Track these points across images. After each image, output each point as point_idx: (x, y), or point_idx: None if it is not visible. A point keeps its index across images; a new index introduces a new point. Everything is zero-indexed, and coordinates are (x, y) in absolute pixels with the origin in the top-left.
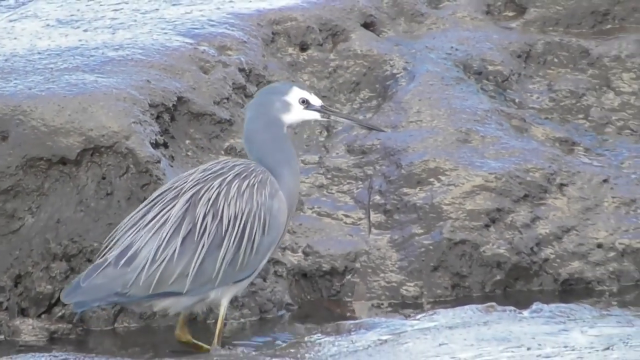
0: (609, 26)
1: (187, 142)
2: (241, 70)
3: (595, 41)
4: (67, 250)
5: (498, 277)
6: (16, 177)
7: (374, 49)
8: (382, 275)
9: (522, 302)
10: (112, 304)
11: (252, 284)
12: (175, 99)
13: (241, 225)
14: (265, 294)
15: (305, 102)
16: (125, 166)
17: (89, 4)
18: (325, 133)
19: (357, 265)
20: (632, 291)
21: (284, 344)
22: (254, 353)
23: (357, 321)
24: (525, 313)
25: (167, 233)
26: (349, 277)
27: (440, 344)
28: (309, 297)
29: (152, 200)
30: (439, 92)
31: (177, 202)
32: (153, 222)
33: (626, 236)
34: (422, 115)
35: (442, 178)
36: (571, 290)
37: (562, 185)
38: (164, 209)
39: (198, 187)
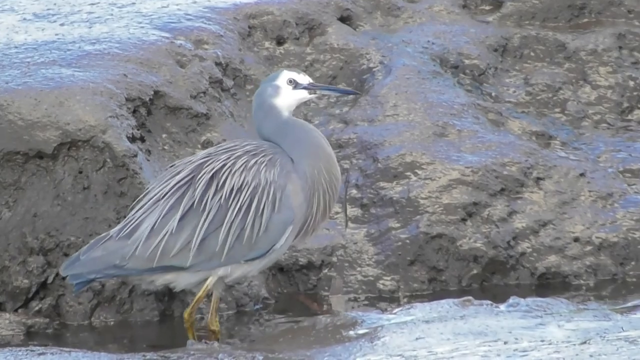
0: (585, 20)
1: (164, 136)
2: (218, 64)
3: (571, 35)
4: (44, 245)
5: (475, 271)
6: None
7: (351, 43)
8: (358, 269)
9: (498, 296)
10: (111, 277)
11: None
12: (152, 93)
13: (247, 199)
14: (242, 288)
15: (292, 82)
16: (102, 160)
17: None
18: None
19: (334, 259)
20: (609, 285)
21: (260, 338)
22: (230, 347)
23: (333, 315)
24: (502, 307)
25: (168, 204)
26: (326, 271)
27: (417, 338)
28: (285, 291)
29: (164, 175)
30: (416, 86)
31: (180, 174)
32: (156, 194)
33: (603, 230)
34: (399, 109)
35: (419, 172)
36: (548, 285)
37: (538, 179)
38: (169, 180)
39: (205, 159)
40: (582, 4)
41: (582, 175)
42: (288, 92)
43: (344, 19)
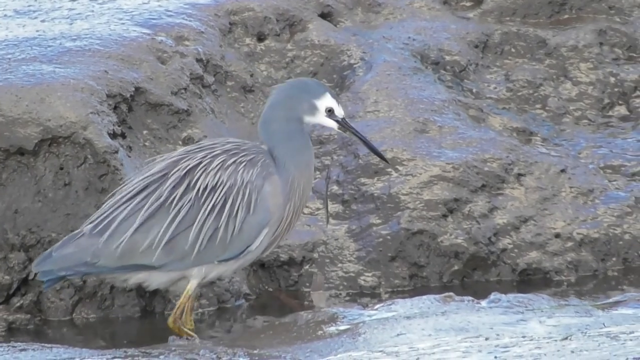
0: (566, 16)
1: (145, 132)
2: (199, 60)
3: (552, 31)
4: (25, 241)
5: (456, 267)
6: None
7: (332, 39)
8: (340, 265)
9: (480, 292)
10: (82, 275)
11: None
12: (133, 89)
13: (221, 199)
14: (223, 284)
15: (330, 111)
16: (83, 156)
17: None
18: None
19: (315, 255)
20: (590, 281)
21: (241, 334)
22: (211, 343)
23: (315, 311)
24: (483, 303)
25: (138, 201)
26: (307, 267)
27: (398, 334)
28: (267, 287)
29: (140, 171)
30: (397, 82)
31: (152, 170)
32: (129, 191)
33: (584, 226)
34: (380, 106)
35: (400, 168)
36: (529, 281)
37: (519, 175)
38: (144, 177)
39: (181, 156)
40: (563, 0)
41: (563, 171)
42: (321, 117)
43: (324, 15)
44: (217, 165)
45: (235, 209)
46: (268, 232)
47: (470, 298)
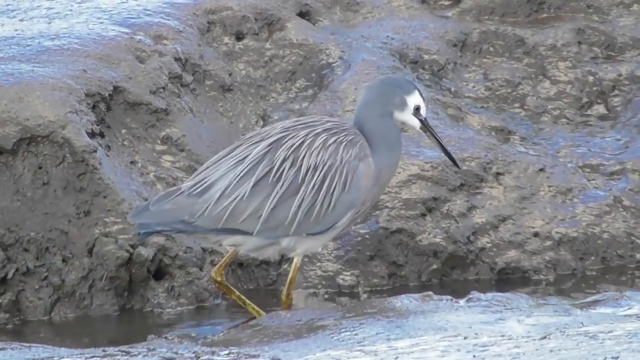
0: (544, 15)
1: (123, 131)
2: (177, 59)
3: (530, 30)
4: (3, 240)
5: (434, 266)
6: None
7: (310, 38)
8: (318, 264)
9: (458, 291)
10: (177, 232)
11: (188, 273)
12: (112, 88)
13: (320, 177)
14: (202, 283)
15: (417, 109)
16: (62, 156)
17: None
18: (261, 122)
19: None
20: (569, 280)
21: (220, 333)
22: (190, 342)
23: (293, 310)
24: (462, 302)
25: (242, 171)
26: (286, 266)
27: (376, 333)
28: (245, 286)
29: (240, 143)
30: None
31: (259, 144)
32: (232, 159)
33: (562, 225)
34: None
35: None
36: (508, 280)
37: (498, 174)
38: (246, 148)
39: (284, 133)
40: None
41: (541, 170)
42: (408, 114)
43: (303, 14)
44: (319, 145)
45: (333, 186)
46: (353, 211)
47: (449, 297)
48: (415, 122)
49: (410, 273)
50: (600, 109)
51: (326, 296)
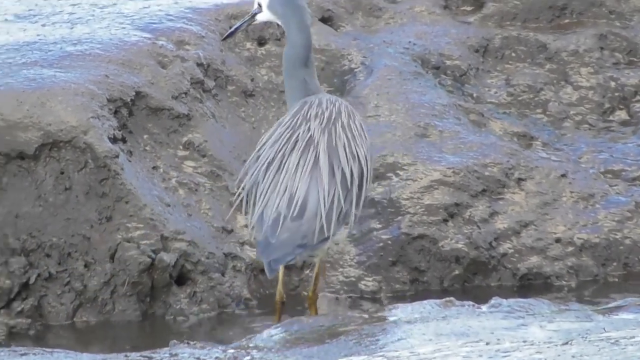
0: (566, 21)
1: (145, 136)
2: (199, 64)
3: (553, 35)
4: (25, 245)
5: (456, 272)
6: None
7: (332, 44)
8: (340, 270)
9: (480, 297)
10: (299, 255)
11: (210, 278)
12: (134, 93)
13: (369, 160)
14: (224, 288)
15: None
16: (84, 161)
17: None
18: None
19: (316, 260)
20: (591, 286)
21: (242, 339)
22: (212, 348)
23: (315, 316)
24: (484, 308)
25: (324, 181)
26: (308, 272)
27: (399, 339)
28: (267, 292)
29: (282, 148)
30: (397, 86)
31: (318, 149)
32: (303, 169)
33: (584, 231)
34: (380, 110)
35: (400, 173)
36: (530, 285)
37: (520, 179)
38: (304, 155)
39: (327, 134)
40: (564, 4)
41: (563, 176)
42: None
43: (325, 20)
44: (357, 133)
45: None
46: None
47: (471, 303)
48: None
49: (432, 279)
50: (622, 114)
51: (348, 302)
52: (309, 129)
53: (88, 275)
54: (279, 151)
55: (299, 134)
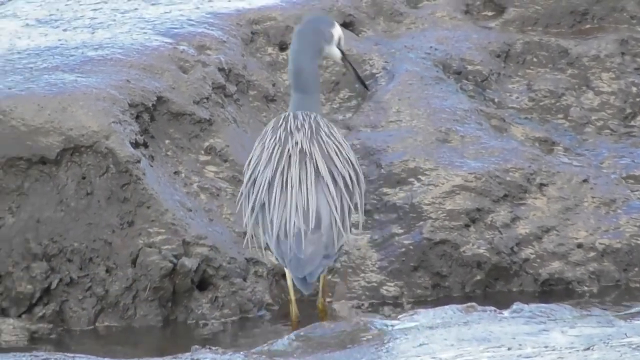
0: (588, 26)
1: (167, 141)
2: (221, 69)
3: (574, 41)
4: (47, 250)
5: (478, 277)
6: None
7: (353, 49)
8: (362, 275)
9: (502, 302)
10: (326, 266)
11: (232, 283)
12: (155, 98)
13: (359, 167)
14: (246, 293)
15: (339, 41)
16: (105, 166)
17: (68, 3)
18: None
19: (338, 265)
20: (612, 291)
21: (264, 344)
22: (234, 353)
23: (337, 321)
24: (506, 313)
25: (330, 190)
26: (329, 277)
27: (420, 344)
28: (289, 297)
29: (278, 163)
30: (419, 91)
31: (315, 159)
32: (308, 183)
33: (606, 236)
34: (402, 115)
35: (422, 178)
36: (551, 291)
37: (542, 185)
38: (303, 167)
39: (315, 142)
40: (585, 9)
41: (585, 181)
42: (334, 46)
43: (346, 25)
44: (342, 141)
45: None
46: None
47: (493, 308)
48: (338, 53)
49: (454, 284)
50: None
51: (370, 307)
52: (296, 143)
53: (110, 280)
54: (276, 169)
55: (289, 148)
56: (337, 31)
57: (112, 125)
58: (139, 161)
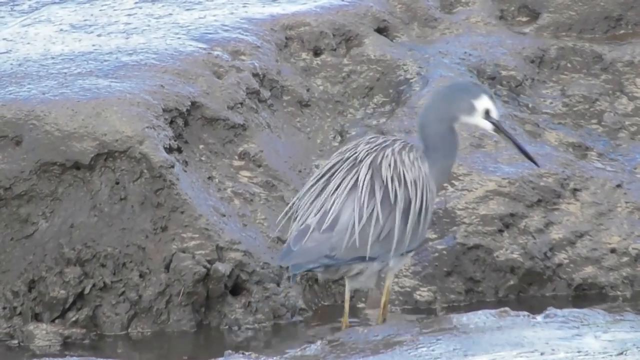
0: (622, 31)
1: (201, 147)
2: (255, 75)
3: (608, 46)
4: (80, 255)
5: (511, 282)
6: (30, 181)
7: (388, 54)
8: (396, 280)
9: (535, 307)
10: (323, 266)
11: (265, 288)
12: (189, 103)
13: (420, 191)
14: (279, 299)
15: (487, 112)
16: (139, 171)
17: (102, 8)
18: (339, 138)
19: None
20: None
21: (298, 349)
22: (267, 358)
23: (370, 326)
24: (539, 318)
25: (362, 197)
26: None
27: (454, 349)
28: (322, 302)
29: (328, 172)
30: None
31: (360, 168)
32: (342, 188)
33: (639, 241)
34: None
35: (456, 183)
36: (584, 296)
37: (575, 190)
38: (347, 176)
39: (373, 154)
40: (619, 15)
41: (618, 186)
42: (478, 117)
43: (380, 30)
44: (408, 162)
45: (428, 199)
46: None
47: (526, 313)
48: (487, 125)
49: (487, 289)
50: None
51: (403, 313)
52: (356, 152)
53: (143, 285)
54: (325, 174)
55: (346, 156)
56: (483, 103)
57: (145, 131)
58: (172, 166)
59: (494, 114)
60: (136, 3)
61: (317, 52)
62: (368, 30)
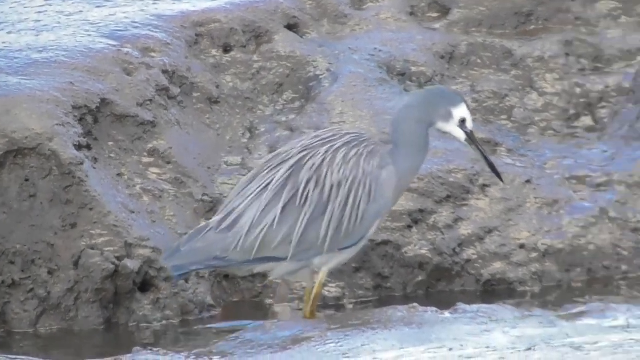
0: (532, 27)
1: (110, 143)
2: (164, 72)
3: (518, 42)
4: None
5: (420, 278)
6: None
7: (297, 51)
8: None
9: (444, 302)
10: (211, 269)
11: (174, 285)
12: (99, 100)
13: (345, 192)
14: (188, 295)
15: (463, 121)
16: (49, 168)
17: (12, 6)
18: (248, 134)
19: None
20: (554, 292)
21: (206, 345)
22: (176, 354)
23: (278, 322)
24: (447, 314)
25: (268, 199)
26: (271, 278)
27: (362, 345)
28: (231, 298)
29: (262, 167)
30: (362, 93)
31: (281, 168)
32: (256, 188)
33: (548, 237)
34: (345, 117)
35: None
36: (493, 291)
37: (484, 186)
38: (268, 174)
39: (304, 153)
40: (529, 11)
41: (528, 182)
42: (453, 125)
43: (291, 27)
44: (340, 160)
45: (359, 199)
46: (380, 219)
47: (435, 309)
48: (460, 134)
49: (396, 285)
50: (587, 120)
51: None
52: (292, 149)
53: (52, 282)
54: (257, 173)
55: (280, 152)
56: (461, 112)
57: (55, 128)
58: (82, 163)
59: (469, 124)
60: (46, 1)
61: (227, 49)
62: (278, 27)
